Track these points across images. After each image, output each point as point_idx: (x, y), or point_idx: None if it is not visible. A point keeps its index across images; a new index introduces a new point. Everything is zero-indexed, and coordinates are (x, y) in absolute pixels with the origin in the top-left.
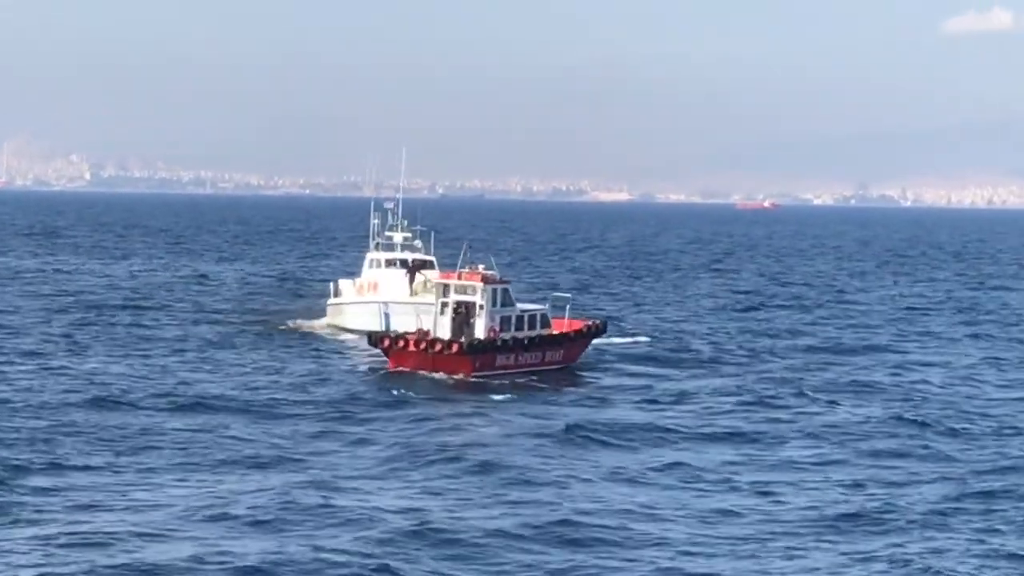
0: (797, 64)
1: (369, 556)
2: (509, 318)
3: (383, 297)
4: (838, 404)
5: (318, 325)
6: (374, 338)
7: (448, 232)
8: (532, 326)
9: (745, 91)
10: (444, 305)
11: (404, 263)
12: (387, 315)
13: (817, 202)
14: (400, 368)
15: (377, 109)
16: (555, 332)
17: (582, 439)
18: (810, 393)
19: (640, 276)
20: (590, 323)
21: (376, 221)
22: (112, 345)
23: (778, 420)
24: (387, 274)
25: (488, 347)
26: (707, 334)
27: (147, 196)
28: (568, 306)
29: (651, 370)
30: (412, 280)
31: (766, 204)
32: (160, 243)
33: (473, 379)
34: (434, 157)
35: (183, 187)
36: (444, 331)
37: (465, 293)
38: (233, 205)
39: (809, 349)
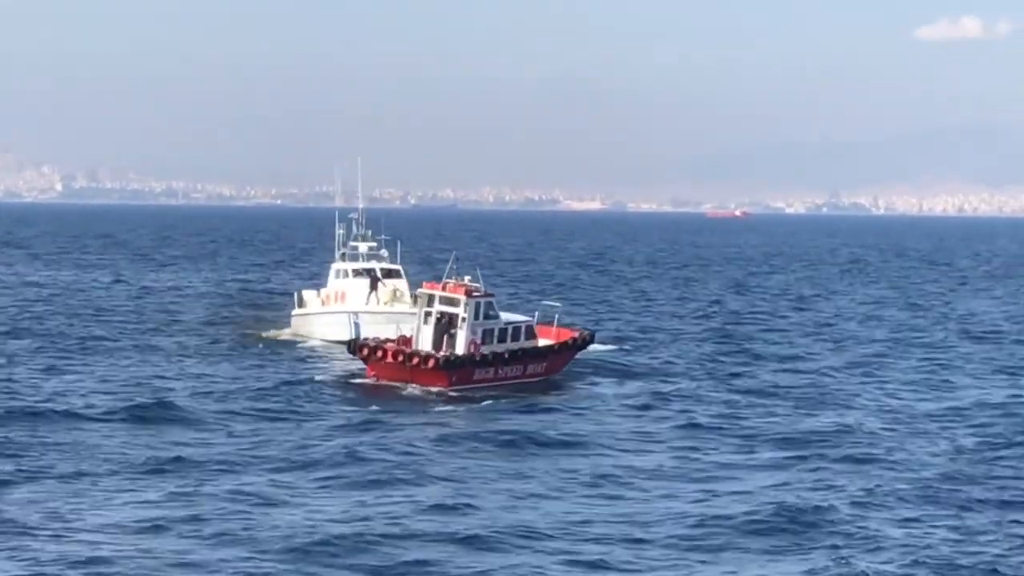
0: (769, 73)
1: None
2: (492, 331)
3: (352, 307)
4: (772, 410)
5: (283, 335)
6: (353, 346)
7: (416, 243)
8: (516, 338)
9: (717, 100)
10: (428, 315)
11: (370, 272)
12: (357, 325)
13: (789, 211)
14: (377, 377)
15: (349, 120)
16: (538, 344)
17: (509, 446)
18: (753, 399)
19: (604, 284)
20: (576, 335)
21: (341, 231)
22: (57, 354)
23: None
24: (355, 284)
25: (465, 362)
26: (670, 342)
27: (117, 207)
28: (557, 315)
29: (613, 379)
30: (374, 290)
31: (736, 213)
32: (120, 253)
33: (452, 393)
34: (407, 167)
35: (155, 198)
36: (426, 341)
37: (449, 305)
38: (204, 216)
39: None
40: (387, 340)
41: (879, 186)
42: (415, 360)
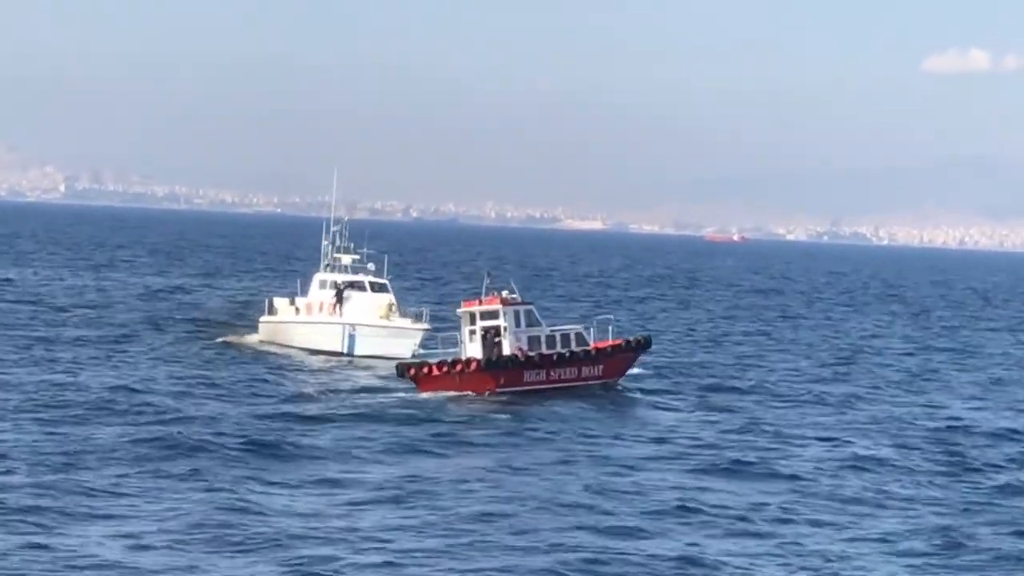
0: (775, 100)
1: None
2: (538, 337)
3: (348, 319)
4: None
5: (249, 341)
6: (401, 369)
7: (414, 255)
8: (566, 344)
9: (721, 125)
10: (472, 332)
11: (337, 285)
12: (352, 337)
13: (790, 237)
14: (431, 392)
15: (354, 131)
16: (593, 348)
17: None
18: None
19: (600, 303)
20: (631, 339)
21: (327, 242)
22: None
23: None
24: (347, 297)
25: (510, 363)
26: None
27: (118, 210)
28: (611, 327)
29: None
30: (339, 303)
31: (735, 237)
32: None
33: (499, 394)
34: (409, 180)
35: (157, 202)
36: (476, 355)
37: (490, 318)
38: (205, 222)
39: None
40: (427, 360)
41: (881, 216)
42: (459, 368)
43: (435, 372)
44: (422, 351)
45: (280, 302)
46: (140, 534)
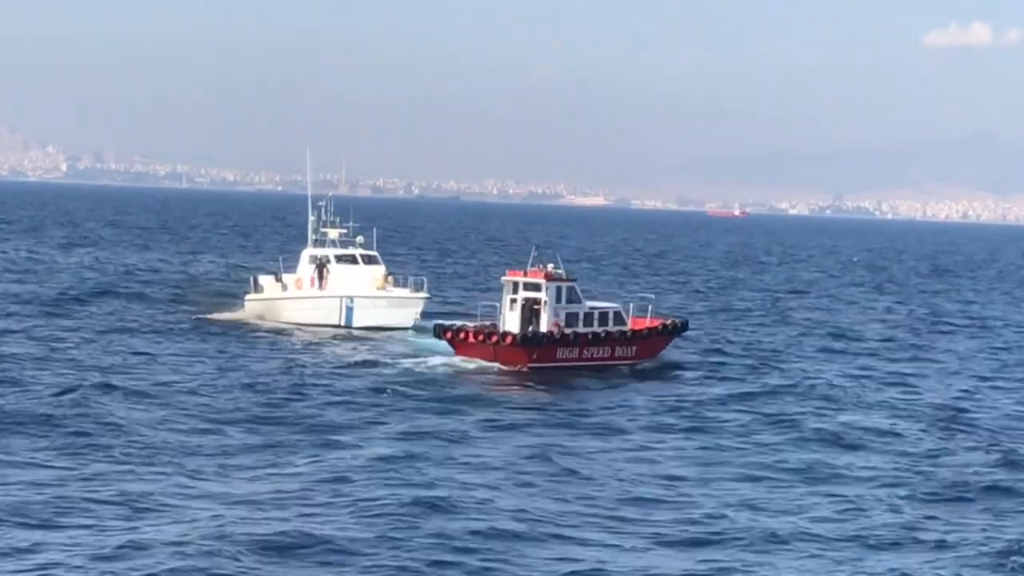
0: (776, 76)
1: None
2: (576, 314)
3: (344, 291)
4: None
5: (236, 317)
6: (438, 331)
7: (399, 232)
8: (603, 323)
9: (724, 102)
10: (513, 301)
11: (320, 259)
12: (350, 309)
13: (792, 212)
14: (465, 357)
15: (357, 109)
16: (628, 329)
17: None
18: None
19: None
20: (668, 321)
21: (314, 218)
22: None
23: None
24: (343, 269)
25: (544, 340)
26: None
27: (120, 189)
28: (650, 306)
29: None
30: (321, 276)
31: (736, 212)
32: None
33: (530, 369)
34: (411, 157)
35: (159, 181)
36: (512, 325)
37: (532, 290)
38: (208, 200)
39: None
40: (465, 325)
41: (883, 191)
42: (494, 339)
43: (471, 339)
44: (421, 321)
45: (266, 279)
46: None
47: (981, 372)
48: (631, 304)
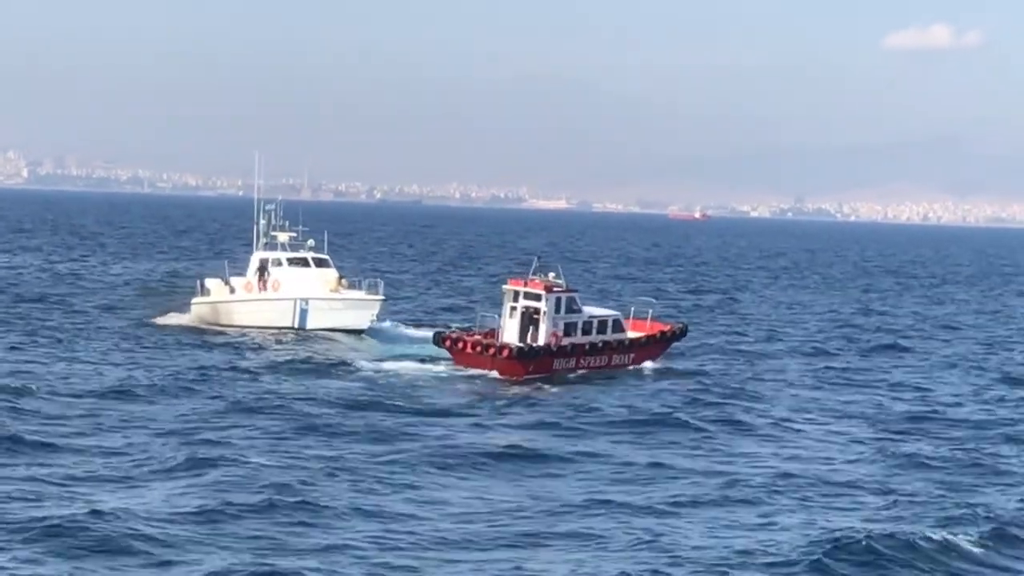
0: (738, 78)
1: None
2: (575, 323)
3: (297, 294)
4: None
5: (183, 321)
6: (437, 338)
7: (348, 236)
8: (602, 331)
9: (685, 104)
10: (512, 309)
11: (303, 261)
12: (304, 311)
13: (754, 214)
14: (462, 366)
15: (319, 113)
16: (626, 336)
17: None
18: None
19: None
20: (667, 328)
21: (263, 222)
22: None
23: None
24: (294, 272)
25: (541, 352)
26: None
27: (82, 195)
28: (651, 311)
29: None
30: (262, 279)
31: (696, 215)
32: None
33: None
34: (373, 162)
35: (120, 186)
36: (511, 334)
37: (532, 299)
38: (164, 204)
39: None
40: (465, 334)
41: (844, 193)
42: (491, 350)
43: (469, 349)
44: (379, 323)
45: (213, 282)
46: None
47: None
48: (632, 309)
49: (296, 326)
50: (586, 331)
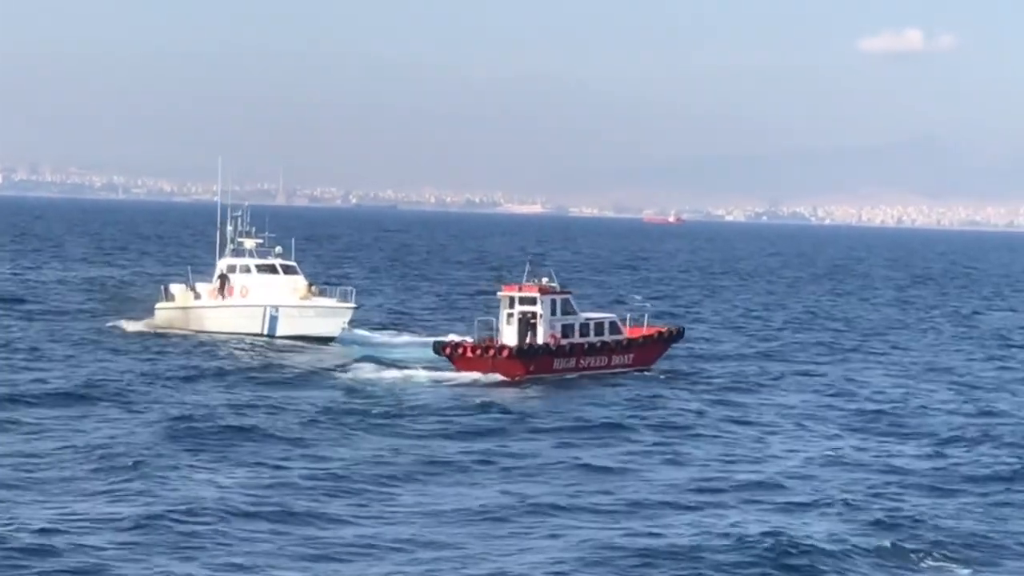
0: (713, 82)
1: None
2: (572, 325)
3: (267, 301)
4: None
5: (146, 326)
6: (437, 347)
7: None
8: (599, 332)
9: (659, 109)
10: (509, 316)
11: (271, 268)
12: (274, 318)
13: (728, 218)
14: (464, 371)
15: (294, 118)
16: (624, 337)
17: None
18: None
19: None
20: (663, 329)
21: (230, 228)
22: None
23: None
24: (263, 279)
25: (541, 352)
26: None
27: (56, 201)
28: (646, 315)
29: None
30: (222, 287)
31: (671, 219)
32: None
33: (529, 380)
34: (348, 167)
35: (95, 192)
36: (511, 339)
37: (528, 304)
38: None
39: None
40: (463, 341)
41: (819, 196)
42: (491, 352)
43: (469, 354)
44: (353, 331)
45: (177, 288)
46: None
47: None
48: (628, 314)
49: (266, 333)
50: (584, 333)
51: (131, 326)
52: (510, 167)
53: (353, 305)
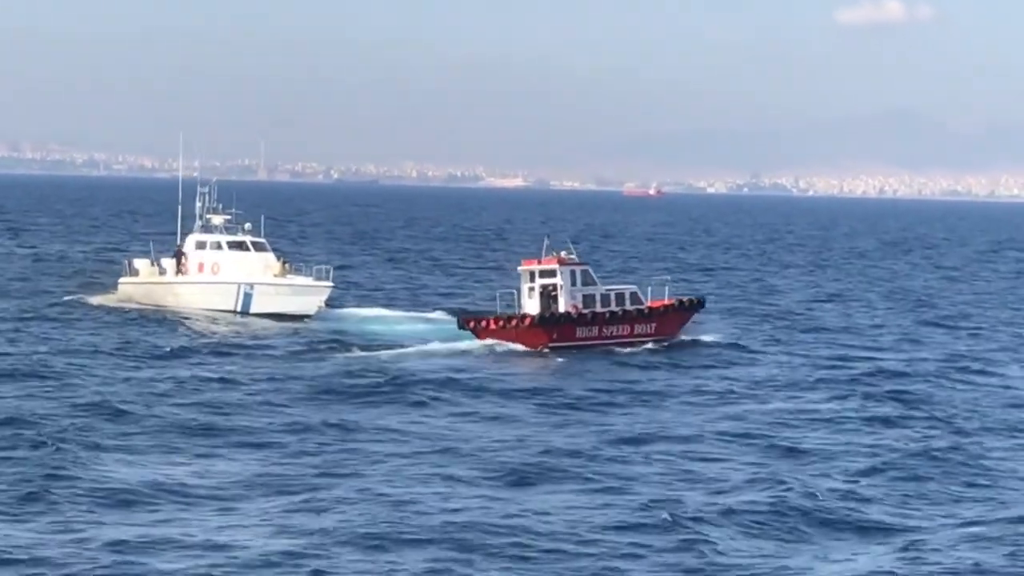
0: (692, 54)
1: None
2: (593, 296)
3: (239, 277)
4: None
5: (109, 300)
6: (461, 321)
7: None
8: (620, 303)
9: (641, 82)
10: (531, 289)
11: (242, 244)
12: (248, 295)
13: (710, 190)
14: (488, 342)
15: (273, 93)
16: (646, 306)
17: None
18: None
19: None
20: (684, 299)
21: (198, 204)
22: None
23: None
24: (235, 256)
25: (562, 320)
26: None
27: (38, 178)
28: (667, 287)
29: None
30: (179, 263)
31: (651, 192)
32: None
33: (551, 349)
34: (329, 142)
35: (76, 169)
36: (533, 311)
37: (548, 276)
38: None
39: None
40: (486, 315)
41: (800, 168)
42: (514, 322)
43: (492, 326)
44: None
45: (141, 263)
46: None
47: None
48: (649, 287)
49: (239, 310)
50: (604, 303)
51: (93, 300)
52: (492, 141)
53: (330, 284)
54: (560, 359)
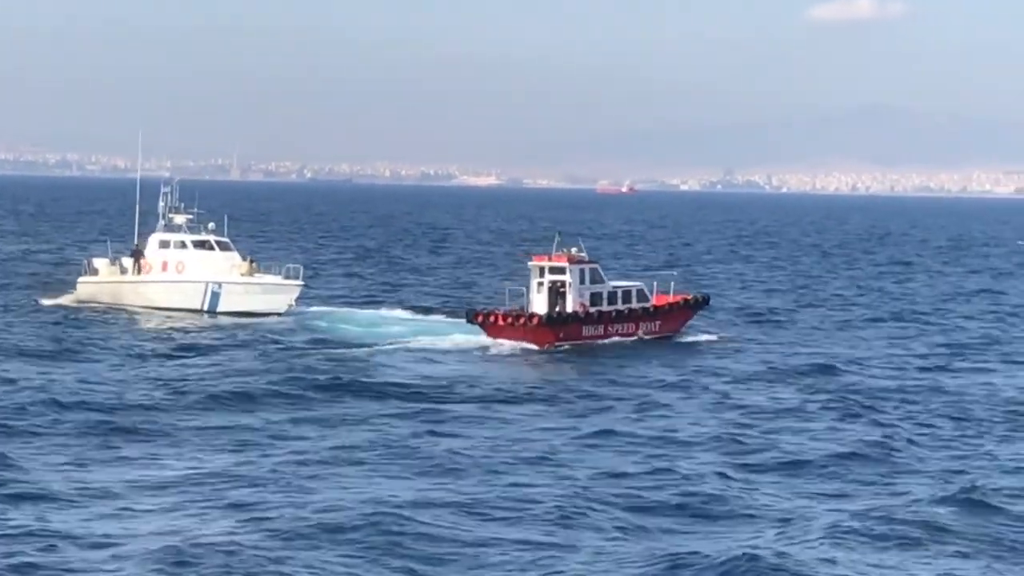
0: (665, 54)
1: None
2: (600, 293)
3: (206, 276)
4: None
5: (68, 300)
6: (469, 316)
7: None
8: (627, 300)
9: (613, 79)
10: (540, 285)
11: (206, 244)
12: (216, 294)
13: (683, 187)
14: (496, 339)
15: (248, 93)
16: (651, 304)
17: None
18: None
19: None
20: (689, 296)
21: (161, 203)
22: None
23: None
24: (200, 255)
25: (569, 319)
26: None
27: (7, 178)
28: (672, 283)
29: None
30: (137, 262)
31: (624, 189)
32: None
33: (557, 347)
34: (302, 141)
35: (49, 169)
36: (541, 307)
37: (557, 273)
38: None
39: None
40: (496, 310)
41: (773, 165)
42: (522, 320)
43: (501, 322)
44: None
45: (100, 262)
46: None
47: None
48: (655, 282)
49: (206, 309)
50: (611, 301)
51: (49, 300)
52: (464, 140)
53: (300, 283)
54: (560, 358)
